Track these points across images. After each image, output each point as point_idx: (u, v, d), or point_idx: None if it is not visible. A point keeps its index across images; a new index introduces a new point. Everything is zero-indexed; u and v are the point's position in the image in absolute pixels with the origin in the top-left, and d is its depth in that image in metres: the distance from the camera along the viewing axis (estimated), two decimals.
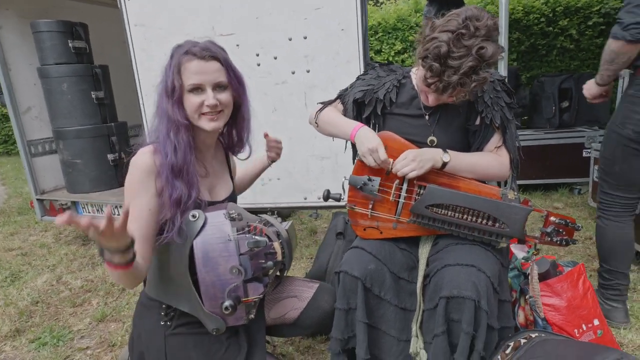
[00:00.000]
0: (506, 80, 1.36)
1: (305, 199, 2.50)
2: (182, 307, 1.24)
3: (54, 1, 3.58)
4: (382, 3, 6.88)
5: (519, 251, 1.76)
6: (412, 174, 1.22)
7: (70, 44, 3.19)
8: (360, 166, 1.33)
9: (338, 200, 1.41)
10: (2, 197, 5.62)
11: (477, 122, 1.32)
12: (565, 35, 4.91)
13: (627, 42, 1.49)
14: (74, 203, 3.32)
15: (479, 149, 1.34)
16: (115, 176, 3.47)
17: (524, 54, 5.09)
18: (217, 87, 1.19)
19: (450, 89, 1.14)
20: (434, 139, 1.35)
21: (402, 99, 1.43)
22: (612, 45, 1.56)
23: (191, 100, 1.16)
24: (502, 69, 1.84)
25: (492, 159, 1.30)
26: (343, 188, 1.37)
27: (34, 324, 2.23)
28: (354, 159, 1.54)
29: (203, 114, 1.19)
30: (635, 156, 1.63)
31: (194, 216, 1.20)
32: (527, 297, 1.45)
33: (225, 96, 1.21)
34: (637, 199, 1.73)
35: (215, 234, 1.20)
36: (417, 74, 1.34)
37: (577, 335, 1.43)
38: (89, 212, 3.27)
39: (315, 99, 2.33)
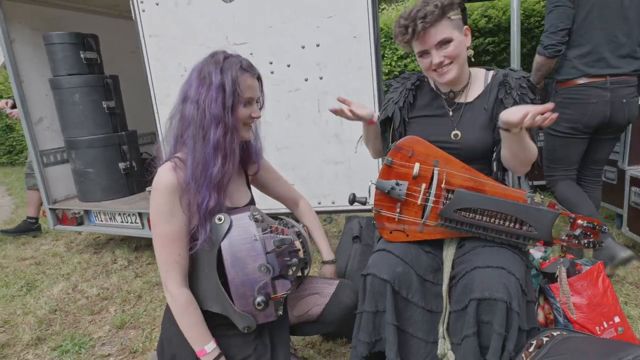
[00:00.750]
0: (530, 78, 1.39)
1: (319, 203, 2.53)
2: (213, 308, 1.28)
3: (63, 13, 3.64)
4: (383, 8, 6.96)
5: (535, 251, 1.79)
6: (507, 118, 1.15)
7: (82, 55, 3.24)
8: (387, 170, 1.36)
9: (364, 204, 1.44)
10: (10, 207, 5.65)
11: None
12: None
13: (547, 57, 2.14)
14: (87, 212, 3.35)
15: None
16: (127, 184, 3.50)
17: (526, 57, 5.13)
18: (257, 101, 1.32)
19: (419, 23, 1.23)
20: (458, 132, 1.38)
21: (423, 100, 1.48)
22: (537, 59, 2.20)
23: (243, 111, 1.25)
24: (515, 64, 1.87)
25: (534, 147, 1.31)
26: (369, 192, 1.40)
27: (54, 332, 2.26)
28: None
29: (246, 124, 1.28)
30: (570, 142, 2.24)
31: (219, 219, 1.24)
32: (557, 299, 1.47)
33: (259, 108, 1.34)
34: (574, 170, 2.34)
35: (241, 235, 1.24)
36: (424, 72, 1.40)
37: (599, 332, 1.46)
38: (102, 221, 3.30)
39: (328, 105, 2.37)
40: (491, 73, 1.42)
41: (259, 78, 1.32)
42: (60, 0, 3.55)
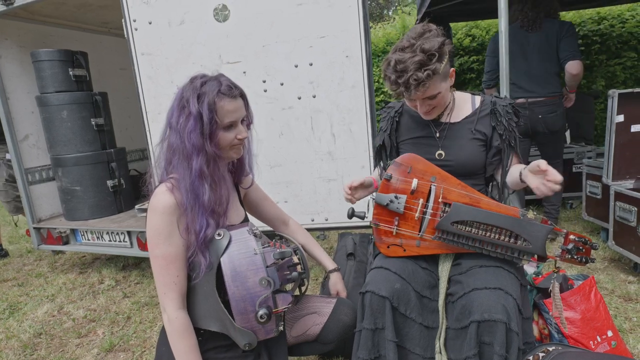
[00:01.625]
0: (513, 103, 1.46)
1: (313, 220, 2.53)
2: (212, 326, 1.25)
3: (52, 30, 3.62)
4: (370, 27, 7.11)
5: (528, 267, 1.82)
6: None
7: (70, 72, 3.22)
8: (386, 185, 1.39)
9: (362, 218, 1.45)
10: None
11: (498, 142, 1.41)
12: None
13: (486, 88, 3.21)
14: (73, 231, 3.27)
15: (507, 165, 1.44)
16: (115, 202, 3.45)
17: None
18: (243, 120, 1.28)
19: (411, 88, 1.26)
20: (442, 152, 1.45)
21: (410, 124, 1.55)
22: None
23: (226, 137, 1.23)
24: (504, 90, 1.94)
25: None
26: (368, 207, 1.42)
27: (39, 357, 2.17)
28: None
29: (232, 145, 1.26)
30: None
31: (219, 235, 1.24)
32: (550, 314, 1.49)
33: (245, 127, 1.30)
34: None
35: (241, 250, 1.23)
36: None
37: (593, 347, 1.48)
38: (89, 240, 3.23)
39: (321, 123, 2.41)
40: (478, 98, 1.50)
41: (242, 96, 1.27)
42: (49, 18, 3.53)
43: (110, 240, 3.11)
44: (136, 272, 3.33)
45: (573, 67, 2.77)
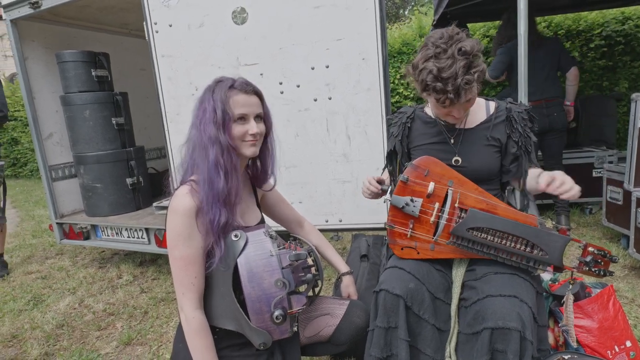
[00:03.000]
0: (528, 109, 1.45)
1: (327, 221, 2.55)
2: (227, 325, 1.29)
3: (76, 32, 3.73)
4: (387, 27, 7.08)
5: (544, 273, 1.80)
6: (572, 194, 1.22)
7: (93, 73, 3.31)
8: (402, 187, 1.39)
9: (387, 191, 1.46)
10: (15, 220, 5.67)
11: (515, 149, 1.40)
12: None
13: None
14: (93, 226, 3.37)
15: (526, 172, 1.43)
16: (134, 199, 3.53)
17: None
18: (257, 117, 1.31)
19: (462, 93, 1.23)
20: (459, 158, 1.44)
21: (422, 130, 1.53)
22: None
23: (237, 129, 1.26)
24: (522, 96, 1.92)
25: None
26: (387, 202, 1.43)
27: (62, 348, 2.25)
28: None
29: (244, 141, 1.28)
30: None
31: (236, 236, 1.27)
32: (560, 325, 1.48)
33: (262, 126, 1.32)
34: None
35: (257, 251, 1.26)
36: (431, 109, 1.46)
37: (610, 356, 1.46)
38: (108, 236, 3.32)
39: (336, 125, 2.42)
40: (492, 104, 1.48)
41: (257, 94, 1.31)
42: (73, 20, 3.63)
43: (128, 237, 3.19)
44: (153, 268, 3.41)
45: (572, 73, 3.32)
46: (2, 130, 9.11)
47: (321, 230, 3.09)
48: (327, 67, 2.35)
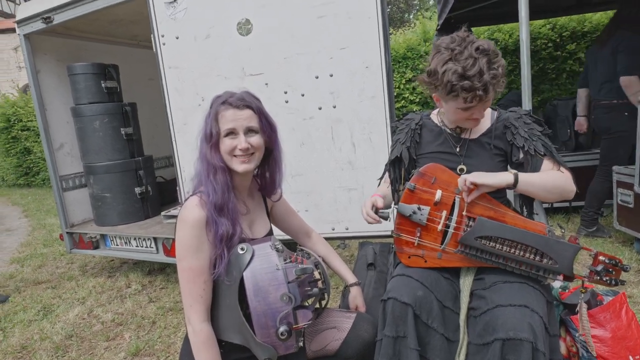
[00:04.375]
0: (531, 112, 1.44)
1: (333, 229, 2.55)
2: (233, 339, 1.28)
3: (87, 44, 3.80)
4: (390, 33, 7.10)
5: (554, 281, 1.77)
6: (470, 178, 1.23)
7: (103, 85, 3.37)
8: (409, 195, 1.38)
9: (386, 219, 1.45)
10: (27, 229, 5.76)
11: (521, 156, 1.38)
12: (573, 58, 5.00)
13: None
14: (103, 236, 3.41)
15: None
16: (142, 209, 3.57)
17: (534, 78, 5.18)
18: (249, 131, 1.30)
19: (490, 88, 1.23)
20: (464, 167, 1.43)
21: (429, 138, 1.53)
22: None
23: (226, 143, 1.28)
24: (526, 103, 1.91)
25: (557, 174, 1.33)
26: (391, 215, 1.41)
27: (70, 359, 2.27)
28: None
29: (235, 156, 1.29)
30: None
31: (242, 249, 1.27)
32: (577, 335, 1.45)
33: (256, 139, 1.31)
34: None
35: (263, 265, 1.26)
36: (445, 113, 1.45)
37: None
38: (117, 245, 3.35)
39: (341, 133, 2.43)
40: (495, 113, 1.48)
41: (252, 109, 1.30)
42: (84, 32, 3.71)
43: (137, 246, 3.22)
44: (161, 277, 3.43)
45: (623, 81, 3.03)
46: (16, 140, 9.29)
47: (328, 239, 3.10)
48: (331, 75, 2.36)
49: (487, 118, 1.46)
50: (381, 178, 1.72)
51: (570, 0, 4.39)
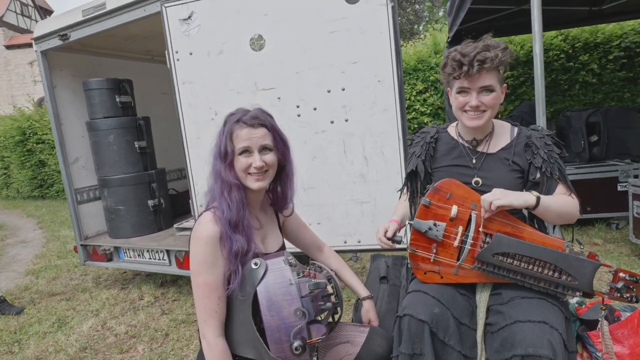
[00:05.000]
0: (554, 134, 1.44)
1: (345, 242, 2.55)
2: (247, 354, 1.29)
3: (101, 60, 3.90)
4: (401, 45, 7.14)
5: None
6: (497, 202, 1.23)
7: (117, 99, 3.44)
8: (424, 210, 1.37)
9: (399, 242, 1.44)
10: (41, 241, 5.84)
11: (538, 175, 1.38)
12: (586, 69, 4.97)
13: None
14: (116, 248, 3.45)
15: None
16: (155, 221, 3.61)
17: (546, 89, 5.12)
18: (263, 149, 1.31)
19: (475, 65, 1.28)
20: (479, 180, 1.42)
21: (444, 151, 1.53)
22: None
23: (241, 161, 1.29)
24: (540, 117, 1.90)
25: (569, 200, 1.35)
26: (405, 232, 1.41)
27: None
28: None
29: (250, 174, 1.30)
30: None
31: (255, 264, 1.28)
32: (597, 353, 1.43)
33: (270, 157, 1.32)
34: None
35: (277, 279, 1.27)
36: (455, 126, 1.48)
37: None
38: (130, 257, 3.38)
39: (353, 147, 2.44)
40: (516, 129, 1.47)
41: (267, 127, 1.31)
42: (99, 48, 3.81)
43: (150, 258, 3.25)
44: (174, 289, 3.44)
45: None
46: (31, 153, 9.48)
47: (340, 252, 3.08)
48: (343, 89, 2.39)
49: (507, 133, 1.46)
50: (401, 190, 1.72)
51: (583, 13, 4.38)
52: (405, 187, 1.65)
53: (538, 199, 1.25)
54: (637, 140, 4.06)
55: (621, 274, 1.20)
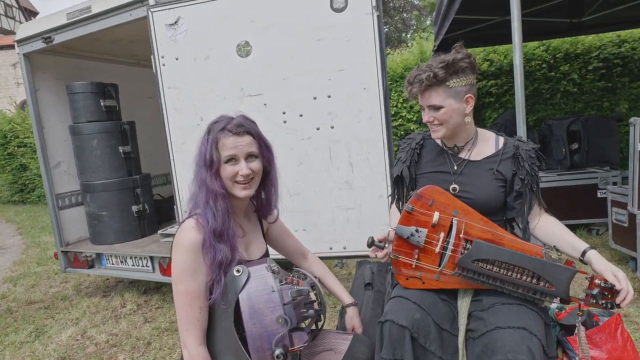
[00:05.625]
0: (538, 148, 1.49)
1: (331, 248, 2.55)
2: None
3: (87, 63, 3.85)
4: (388, 53, 7.24)
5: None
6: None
7: (102, 103, 3.40)
8: (407, 217, 1.39)
9: (382, 248, 1.45)
10: (21, 247, 5.69)
11: (520, 186, 1.42)
12: (567, 79, 5.11)
13: None
14: (98, 254, 3.38)
15: (529, 210, 1.45)
16: (139, 227, 3.55)
17: (528, 98, 5.27)
18: (249, 156, 1.31)
19: (417, 83, 1.35)
20: (456, 186, 1.46)
21: (429, 157, 1.56)
22: None
23: (227, 170, 1.28)
24: (521, 126, 1.94)
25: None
26: (388, 237, 1.42)
27: None
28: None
29: (236, 182, 1.30)
30: None
31: (238, 271, 1.26)
32: (575, 357, 1.45)
33: (256, 164, 1.32)
34: None
35: (259, 287, 1.26)
36: None
37: None
38: (113, 264, 3.32)
39: (339, 153, 2.45)
40: (501, 139, 1.50)
41: (252, 134, 1.31)
42: (84, 52, 3.76)
43: (133, 265, 3.19)
44: (157, 296, 3.39)
45: None
46: (12, 156, 9.27)
47: (325, 258, 3.08)
48: (329, 96, 2.40)
49: (492, 142, 1.49)
50: (392, 196, 1.73)
51: (563, 24, 4.51)
52: (395, 193, 1.67)
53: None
54: (616, 148, 4.19)
55: (596, 281, 1.23)
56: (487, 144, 1.49)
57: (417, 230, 1.37)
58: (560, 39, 5.08)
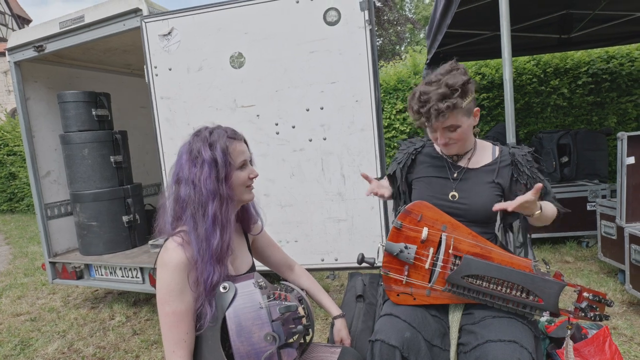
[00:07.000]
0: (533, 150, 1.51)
1: (323, 260, 2.54)
2: None
3: (79, 72, 3.84)
4: (382, 65, 7.33)
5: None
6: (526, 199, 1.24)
7: (93, 112, 3.38)
8: (396, 233, 1.39)
9: (372, 265, 1.45)
10: (8, 257, 5.59)
11: (523, 191, 1.41)
12: (557, 93, 5.20)
13: None
14: (87, 265, 3.33)
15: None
16: (129, 237, 3.51)
17: (519, 111, 5.36)
18: (250, 161, 1.35)
19: (432, 117, 1.31)
20: (456, 194, 1.46)
21: (427, 163, 1.57)
22: None
23: (241, 175, 1.28)
24: (510, 138, 1.97)
25: (552, 207, 1.45)
26: (378, 253, 1.43)
27: None
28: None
29: (247, 186, 1.31)
30: None
31: (224, 288, 1.23)
32: None
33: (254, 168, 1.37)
34: None
35: (246, 303, 1.23)
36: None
37: None
38: (102, 275, 3.27)
39: (331, 165, 2.46)
40: (497, 148, 1.53)
41: (244, 141, 1.35)
42: (77, 61, 3.75)
43: (123, 276, 3.15)
44: (147, 308, 3.34)
45: None
46: (1, 165, 9.15)
47: (317, 270, 3.06)
48: (322, 108, 2.42)
49: (489, 152, 1.51)
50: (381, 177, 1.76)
51: (553, 40, 4.61)
52: (387, 178, 1.70)
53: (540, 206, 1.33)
54: (605, 161, 4.25)
55: (585, 294, 1.24)
56: (484, 152, 1.51)
57: (406, 247, 1.37)
58: (550, 54, 5.18)
